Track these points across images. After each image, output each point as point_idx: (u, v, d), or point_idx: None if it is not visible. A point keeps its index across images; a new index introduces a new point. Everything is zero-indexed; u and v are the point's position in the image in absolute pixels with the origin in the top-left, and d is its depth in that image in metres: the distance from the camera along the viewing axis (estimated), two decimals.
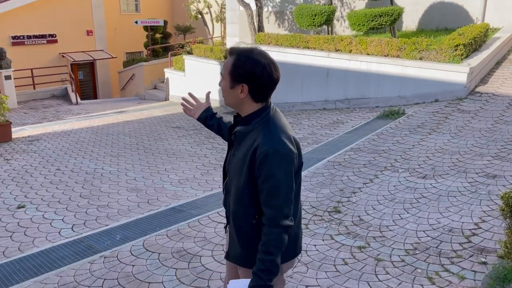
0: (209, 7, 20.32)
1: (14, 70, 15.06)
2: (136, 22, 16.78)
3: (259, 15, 12.48)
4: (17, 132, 10.22)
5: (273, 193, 1.76)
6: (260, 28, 12.50)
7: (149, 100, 16.04)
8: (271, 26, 13.92)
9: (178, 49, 16.55)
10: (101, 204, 5.51)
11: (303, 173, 5.76)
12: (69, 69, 18.72)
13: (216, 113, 2.34)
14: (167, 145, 8.55)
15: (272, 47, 10.90)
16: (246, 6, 12.43)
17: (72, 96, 16.35)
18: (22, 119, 12.45)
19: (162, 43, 19.76)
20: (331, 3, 11.57)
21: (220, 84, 1.89)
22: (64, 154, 8.17)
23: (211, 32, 20.51)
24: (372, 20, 9.24)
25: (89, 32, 20.15)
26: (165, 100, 15.02)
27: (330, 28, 11.50)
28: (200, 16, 20.39)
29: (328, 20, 10.83)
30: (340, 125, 8.12)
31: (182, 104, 2.33)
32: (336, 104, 9.64)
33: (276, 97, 10.76)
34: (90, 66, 20.63)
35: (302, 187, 2.08)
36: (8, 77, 14.69)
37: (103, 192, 5.98)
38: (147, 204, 5.43)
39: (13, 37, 17.71)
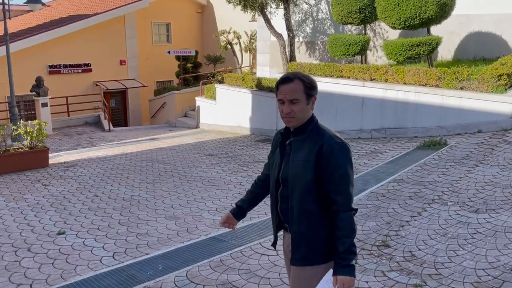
0: (238, 38, 20.77)
1: (51, 98, 15.54)
2: (169, 52, 17.20)
3: (291, 44, 12.60)
4: (53, 158, 10.40)
5: (343, 181, 2.03)
6: (292, 57, 12.58)
7: (179, 128, 16.21)
8: (302, 56, 14.01)
9: (209, 78, 16.81)
10: (140, 231, 5.45)
11: None
12: (102, 97, 19.22)
13: (242, 201, 2.55)
14: (202, 173, 8.51)
15: None
16: (279, 36, 12.58)
17: (105, 123, 16.70)
18: (57, 145, 12.71)
19: (193, 73, 20.14)
20: (365, 33, 11.58)
21: (295, 108, 2.08)
22: (100, 180, 8.23)
23: (240, 62, 20.86)
24: (410, 50, 9.16)
25: (122, 62, 20.76)
26: (196, 128, 15.14)
27: (364, 58, 11.47)
28: (229, 46, 20.83)
29: (363, 50, 10.81)
30: (378, 155, 7.93)
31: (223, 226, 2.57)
32: (371, 133, 9.47)
33: None
34: (122, 94, 21.15)
35: None
36: (44, 105, 15.15)
37: (142, 219, 5.93)
38: (186, 233, 5.33)
39: (50, 66, 18.39)
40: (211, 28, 23.99)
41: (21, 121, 10.12)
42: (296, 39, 13.77)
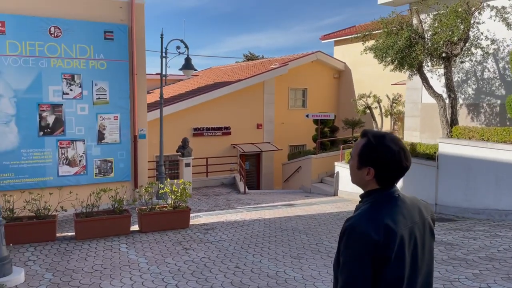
0: (379, 101, 19.69)
1: (193, 158, 16.10)
2: (307, 116, 16.83)
3: (453, 107, 11.02)
4: (193, 218, 10.21)
5: (341, 268, 1.74)
6: (454, 121, 10.95)
7: (315, 194, 15.25)
8: (462, 119, 12.23)
9: (351, 142, 15.77)
10: None
11: None
12: (239, 159, 19.51)
13: None
14: None
15: (474, 142, 9.22)
16: (438, 97, 11.15)
17: (240, 185, 16.63)
18: (196, 206, 12.72)
19: (330, 137, 19.33)
20: None
21: (348, 162, 1.95)
22: (240, 248, 7.54)
23: (379, 127, 19.56)
24: None
25: (259, 126, 21.14)
26: (334, 195, 14.02)
27: None
28: (368, 110, 19.81)
29: None
30: None
31: None
32: None
33: (482, 202, 8.78)
34: (256, 157, 21.32)
35: None
36: (187, 165, 15.69)
37: None
38: None
39: (195, 129, 19.47)
40: (347, 92, 23.41)
41: (168, 180, 10.25)
42: None
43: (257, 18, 71.92)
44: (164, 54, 13.29)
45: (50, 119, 11.70)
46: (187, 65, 13.41)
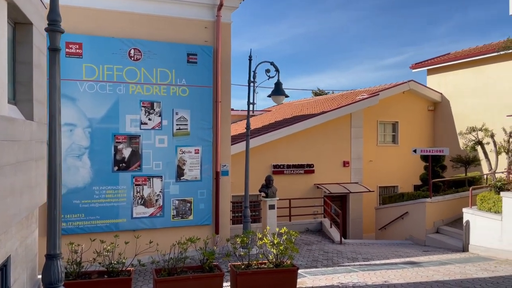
0: (492, 136, 16.58)
1: (278, 199, 13.95)
2: (415, 151, 14.20)
3: None
4: None
5: None
6: None
7: (434, 248, 12.32)
8: None
9: (488, 185, 12.71)
10: None
11: None
12: (327, 201, 17.09)
13: None
14: None
15: None
16: None
17: (333, 233, 14.13)
18: None
19: (441, 176, 16.03)
20: None
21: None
22: None
23: (494, 166, 16.36)
24: None
25: (345, 163, 18.75)
26: (463, 251, 11.07)
27: None
28: (479, 146, 16.75)
29: None
30: None
31: None
32: None
33: None
34: (341, 200, 18.76)
35: None
36: (272, 207, 13.46)
37: None
38: None
39: (274, 166, 17.48)
40: (446, 126, 20.49)
41: (268, 228, 8.12)
42: None
43: (316, 60, 71.35)
44: (252, 79, 11.52)
45: (126, 152, 10.19)
46: (278, 90, 11.40)
